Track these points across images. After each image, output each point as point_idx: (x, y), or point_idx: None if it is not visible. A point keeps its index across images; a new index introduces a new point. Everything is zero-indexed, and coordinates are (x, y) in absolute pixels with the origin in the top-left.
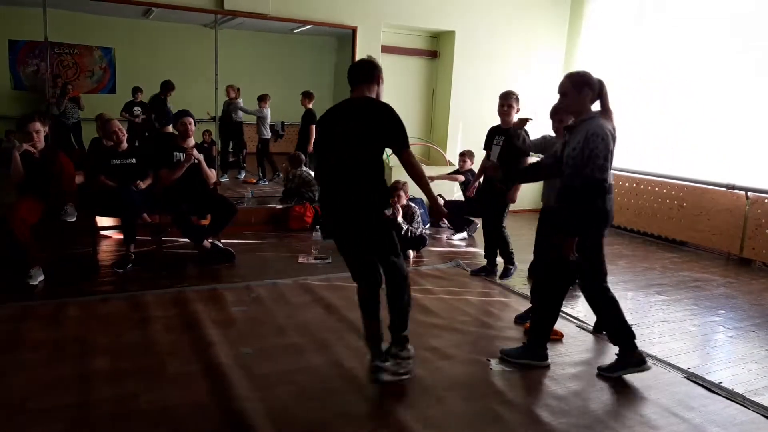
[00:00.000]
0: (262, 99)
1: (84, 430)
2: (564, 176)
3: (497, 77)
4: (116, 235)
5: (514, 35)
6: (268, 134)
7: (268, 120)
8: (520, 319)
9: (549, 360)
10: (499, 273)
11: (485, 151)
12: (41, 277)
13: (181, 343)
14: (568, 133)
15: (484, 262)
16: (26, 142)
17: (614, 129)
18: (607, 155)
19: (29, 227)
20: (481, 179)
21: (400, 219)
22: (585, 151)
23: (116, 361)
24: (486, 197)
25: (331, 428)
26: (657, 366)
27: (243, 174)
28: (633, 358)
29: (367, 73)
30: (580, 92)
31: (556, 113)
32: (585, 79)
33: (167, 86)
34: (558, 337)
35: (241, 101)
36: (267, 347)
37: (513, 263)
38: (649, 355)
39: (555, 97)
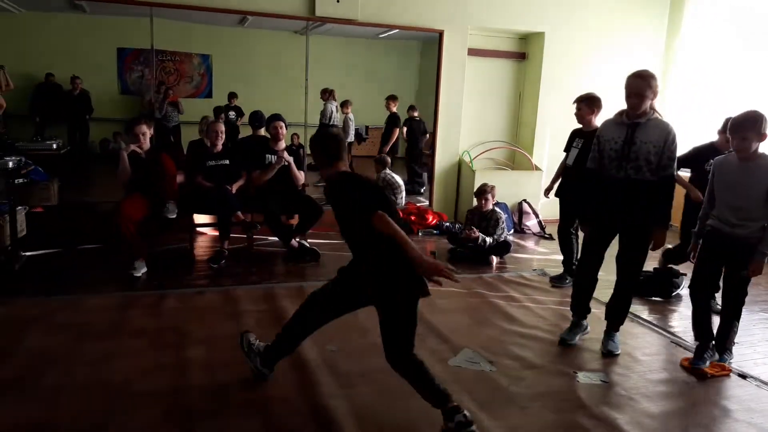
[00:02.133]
0: (345, 104)
1: (182, 413)
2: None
3: (587, 79)
4: (212, 231)
5: (606, 35)
6: (351, 137)
7: (353, 125)
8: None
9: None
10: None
11: (564, 153)
12: (144, 269)
13: (271, 337)
14: (631, 128)
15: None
16: (133, 143)
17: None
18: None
19: (134, 223)
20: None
21: (478, 234)
22: (667, 151)
23: (211, 351)
24: (563, 200)
25: (413, 428)
26: (761, 388)
27: None
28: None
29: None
30: (653, 91)
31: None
32: (655, 80)
33: (231, 95)
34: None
35: (333, 103)
36: (351, 346)
37: (571, 273)
38: (751, 377)
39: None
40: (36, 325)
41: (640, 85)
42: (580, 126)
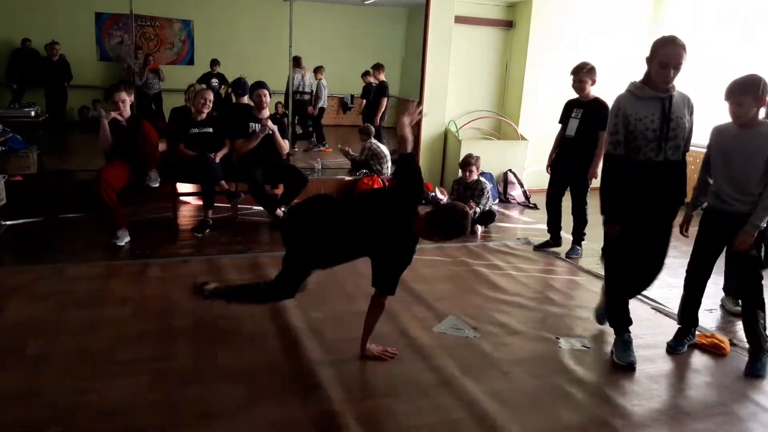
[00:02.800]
0: (318, 71)
1: (166, 381)
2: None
3: (576, 48)
4: (195, 201)
5: (594, 4)
6: (324, 103)
7: (326, 91)
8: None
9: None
10: (566, 251)
11: (560, 124)
12: (127, 239)
13: (257, 306)
14: (667, 102)
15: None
16: (113, 111)
17: None
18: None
19: (116, 191)
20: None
21: (442, 197)
22: (689, 126)
23: (196, 319)
24: (560, 171)
25: (397, 394)
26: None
27: (320, 145)
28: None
29: None
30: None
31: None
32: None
33: (213, 62)
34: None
35: (305, 72)
36: (337, 314)
37: (581, 244)
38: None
39: (640, 65)
40: (17, 294)
41: (681, 55)
42: (576, 96)
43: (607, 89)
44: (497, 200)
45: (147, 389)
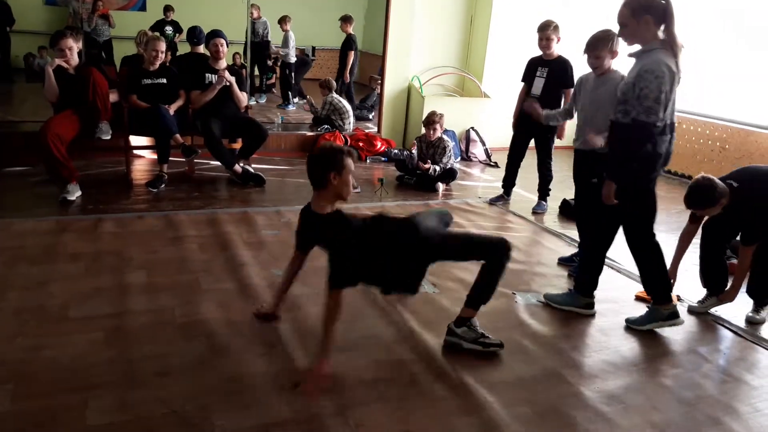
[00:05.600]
0: (283, 20)
1: (122, 338)
2: (614, 110)
3: (541, 4)
4: (150, 154)
5: None
6: (292, 57)
7: (292, 43)
8: (563, 261)
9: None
10: (534, 206)
11: (523, 83)
12: (78, 193)
13: (215, 262)
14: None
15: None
16: (60, 58)
17: (678, 63)
18: (659, 96)
19: (65, 143)
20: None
21: (430, 166)
22: (635, 89)
23: (152, 275)
24: (524, 129)
25: (357, 348)
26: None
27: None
28: (665, 311)
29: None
30: (639, 21)
31: (593, 48)
32: (646, 4)
33: (167, 8)
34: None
35: (265, 19)
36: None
37: (546, 200)
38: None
39: (605, 21)
40: None
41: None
42: (540, 54)
43: (570, 48)
44: (459, 158)
45: (102, 346)
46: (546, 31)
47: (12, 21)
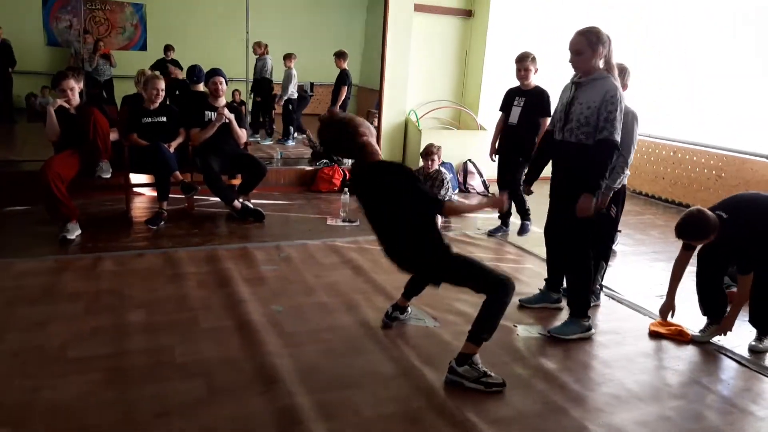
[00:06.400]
0: (288, 57)
1: (121, 378)
2: (573, 133)
3: (534, 37)
4: (150, 192)
5: None
6: (294, 94)
7: (295, 80)
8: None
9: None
10: (518, 228)
11: (501, 113)
12: (78, 232)
13: (214, 299)
14: (574, 88)
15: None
16: (61, 98)
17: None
18: (621, 118)
19: (65, 182)
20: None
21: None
22: (602, 113)
23: (151, 314)
24: (504, 157)
25: (357, 385)
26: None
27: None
28: (585, 323)
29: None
30: (595, 51)
31: (522, 60)
32: (600, 37)
33: (167, 47)
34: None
35: (269, 58)
36: (297, 305)
37: (529, 219)
38: (675, 324)
39: None
40: None
41: (577, 41)
42: (518, 84)
43: (563, 79)
44: (457, 190)
45: (101, 387)
46: (525, 62)
47: (14, 62)
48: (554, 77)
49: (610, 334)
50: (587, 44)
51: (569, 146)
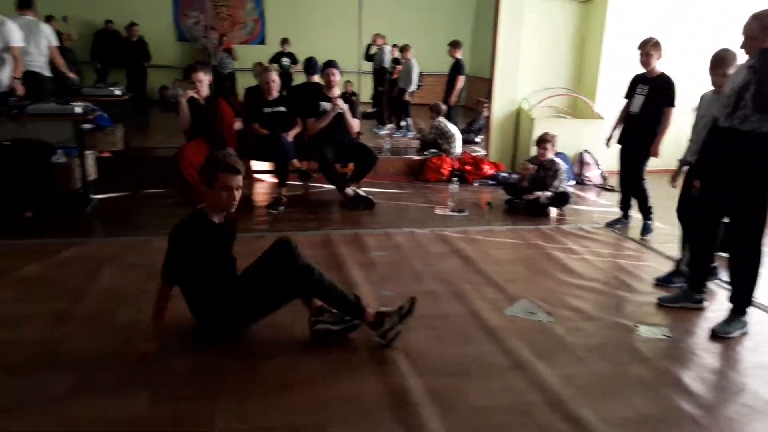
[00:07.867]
0: (405, 49)
1: (247, 351)
2: (746, 119)
3: (655, 22)
4: (270, 178)
5: None
6: (414, 86)
7: (416, 70)
8: (661, 282)
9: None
10: (639, 229)
11: (626, 100)
12: None
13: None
14: (751, 72)
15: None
16: (191, 90)
17: None
18: None
19: (196, 169)
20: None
21: (530, 167)
22: None
23: None
24: (626, 148)
25: (468, 373)
26: None
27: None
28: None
29: None
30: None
31: (719, 66)
32: None
33: (284, 41)
34: None
35: (387, 48)
36: (406, 292)
37: (651, 218)
38: None
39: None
40: (109, 264)
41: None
42: (643, 71)
43: (682, 66)
44: (573, 182)
45: (232, 354)
46: (645, 47)
47: (148, 57)
48: (680, 66)
49: (744, 340)
50: (761, 28)
51: (740, 135)
